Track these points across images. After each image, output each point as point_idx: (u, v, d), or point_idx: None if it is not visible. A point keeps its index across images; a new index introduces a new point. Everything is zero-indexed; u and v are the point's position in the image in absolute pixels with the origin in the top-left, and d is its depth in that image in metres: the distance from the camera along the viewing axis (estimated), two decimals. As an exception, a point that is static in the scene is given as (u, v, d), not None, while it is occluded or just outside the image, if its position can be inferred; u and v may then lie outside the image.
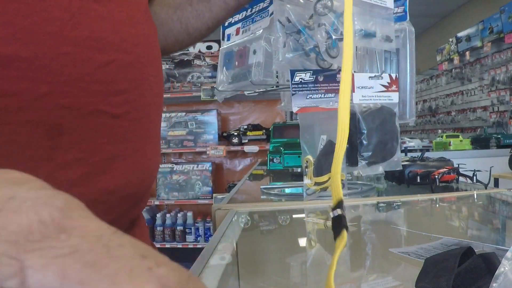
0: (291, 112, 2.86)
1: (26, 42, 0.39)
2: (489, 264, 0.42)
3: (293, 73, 0.90)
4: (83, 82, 0.42)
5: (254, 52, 1.00)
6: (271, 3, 0.97)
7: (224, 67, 1.11)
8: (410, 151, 3.19)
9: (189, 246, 3.99)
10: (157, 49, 0.55)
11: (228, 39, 1.13)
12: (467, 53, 4.94)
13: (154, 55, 0.54)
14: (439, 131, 5.68)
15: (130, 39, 0.48)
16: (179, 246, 4.00)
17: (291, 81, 0.90)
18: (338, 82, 0.93)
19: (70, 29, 0.42)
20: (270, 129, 2.14)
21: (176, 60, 4.06)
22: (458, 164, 1.43)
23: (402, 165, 1.28)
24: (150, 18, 0.56)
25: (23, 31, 0.39)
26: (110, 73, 0.44)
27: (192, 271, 0.64)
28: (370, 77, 0.98)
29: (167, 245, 4.00)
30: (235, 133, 3.87)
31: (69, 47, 0.41)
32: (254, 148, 3.80)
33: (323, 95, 0.92)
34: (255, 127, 3.86)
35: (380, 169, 1.05)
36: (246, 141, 3.84)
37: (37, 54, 0.40)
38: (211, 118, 3.92)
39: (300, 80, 0.90)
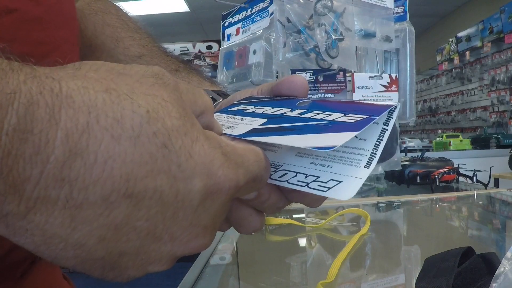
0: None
1: None
2: (489, 264, 0.42)
3: (293, 73, 0.90)
4: None
5: (254, 52, 1.00)
6: (271, 3, 0.97)
7: (224, 67, 1.11)
8: (410, 151, 3.19)
9: (189, 246, 3.98)
10: (74, 8, 0.42)
11: (228, 39, 1.13)
12: (467, 53, 4.94)
13: (71, 15, 0.41)
14: (439, 131, 5.67)
15: None
16: (179, 246, 3.99)
17: (291, 81, 0.90)
18: (338, 82, 0.93)
19: None
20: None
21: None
22: (458, 164, 1.43)
23: (402, 165, 1.28)
24: None
25: None
26: (9, 28, 0.32)
27: (192, 271, 0.64)
28: (370, 77, 0.98)
29: (167, 245, 3.99)
30: (235, 133, 3.86)
31: None
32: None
33: (323, 95, 0.92)
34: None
35: (380, 169, 1.05)
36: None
37: None
38: (211, 118, 3.91)
39: (300, 80, 0.90)
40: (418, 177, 1.32)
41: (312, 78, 0.91)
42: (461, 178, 1.38)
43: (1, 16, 0.31)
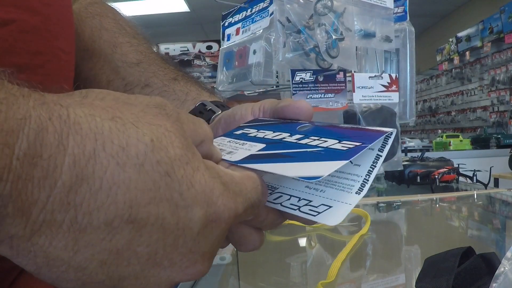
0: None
1: None
2: (489, 264, 0.42)
3: (293, 72, 0.90)
4: None
5: (254, 52, 1.00)
6: (271, 3, 0.97)
7: (224, 67, 1.11)
8: (410, 151, 3.19)
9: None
10: (71, 16, 0.41)
11: (228, 39, 1.13)
12: (467, 53, 4.93)
13: (68, 23, 0.40)
14: (439, 131, 5.67)
15: None
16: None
17: (292, 81, 0.90)
18: (338, 82, 0.93)
19: None
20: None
21: (176, 60, 4.06)
22: (458, 164, 1.43)
23: (402, 165, 1.28)
24: None
25: None
26: (6, 39, 0.32)
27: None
28: (370, 77, 0.98)
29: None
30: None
31: None
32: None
33: (323, 95, 0.92)
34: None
35: (380, 169, 1.05)
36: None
37: None
38: (211, 118, 3.91)
39: (301, 80, 0.90)
40: (418, 177, 1.32)
41: (312, 78, 0.91)
42: (461, 178, 1.38)
43: (0, 27, 0.31)
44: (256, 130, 0.35)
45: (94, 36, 0.51)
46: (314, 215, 0.28)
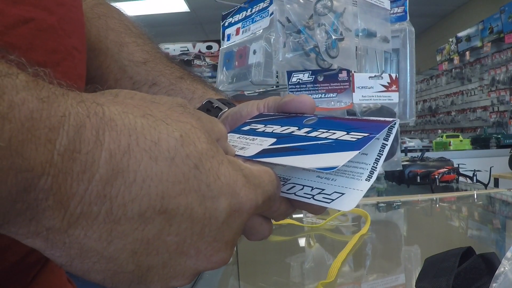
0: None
1: None
2: (489, 264, 0.42)
3: (289, 74, 0.90)
4: None
5: (254, 52, 1.00)
6: (271, 3, 0.97)
7: (224, 67, 1.11)
8: (410, 151, 3.19)
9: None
10: (82, 16, 0.42)
11: (228, 39, 1.13)
12: (467, 53, 4.93)
13: (80, 23, 0.41)
14: (439, 131, 5.66)
15: None
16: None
17: (288, 82, 0.90)
18: (341, 81, 0.93)
19: None
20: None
21: (176, 60, 4.06)
22: (458, 164, 1.43)
23: (402, 165, 1.28)
24: None
25: None
26: (26, 37, 0.32)
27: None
28: (370, 77, 0.98)
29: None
30: (235, 133, 3.86)
31: None
32: (254, 148, 3.78)
33: (323, 95, 0.92)
34: (255, 127, 3.85)
35: (380, 169, 1.05)
36: (246, 141, 3.83)
37: None
38: (211, 118, 3.91)
39: (298, 80, 0.90)
40: (418, 177, 1.32)
41: (311, 79, 0.91)
42: (461, 178, 1.38)
43: (18, 26, 0.32)
44: (264, 125, 0.36)
45: (101, 36, 0.51)
46: (328, 202, 0.30)
